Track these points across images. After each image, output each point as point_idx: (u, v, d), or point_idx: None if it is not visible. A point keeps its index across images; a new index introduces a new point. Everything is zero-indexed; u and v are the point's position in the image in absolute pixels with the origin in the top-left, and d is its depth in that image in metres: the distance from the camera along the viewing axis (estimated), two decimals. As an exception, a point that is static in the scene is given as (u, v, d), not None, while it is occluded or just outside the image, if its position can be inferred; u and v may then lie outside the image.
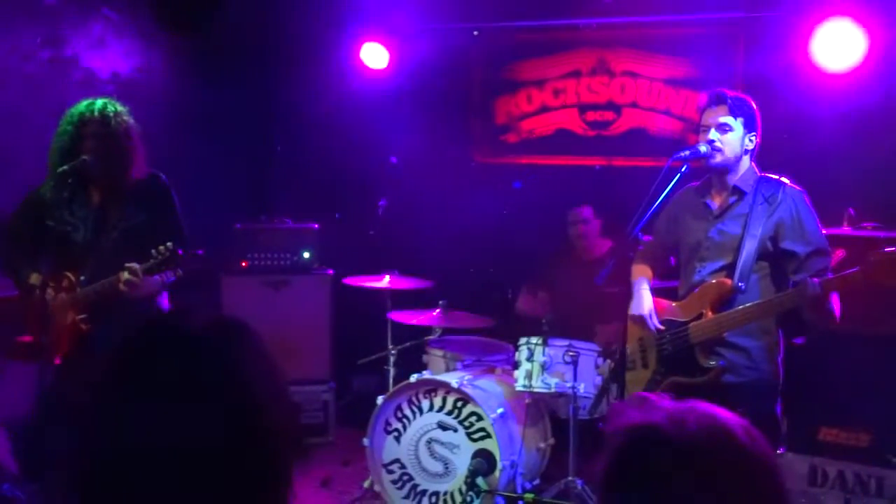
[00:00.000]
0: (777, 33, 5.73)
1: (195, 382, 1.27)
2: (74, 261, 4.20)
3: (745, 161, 3.94)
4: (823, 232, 3.87)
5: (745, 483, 1.29)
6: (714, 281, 3.90)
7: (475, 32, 6.85)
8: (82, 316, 4.13)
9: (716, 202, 4.01)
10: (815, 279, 3.59)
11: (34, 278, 4.13)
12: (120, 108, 4.25)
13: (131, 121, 4.27)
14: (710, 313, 3.85)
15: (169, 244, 3.98)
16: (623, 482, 1.34)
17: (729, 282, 3.83)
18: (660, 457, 1.30)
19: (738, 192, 3.94)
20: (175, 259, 4.02)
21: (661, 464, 1.30)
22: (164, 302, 4.36)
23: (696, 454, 1.29)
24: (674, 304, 4.08)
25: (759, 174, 3.95)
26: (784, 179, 3.92)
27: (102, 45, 5.93)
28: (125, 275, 3.97)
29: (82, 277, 4.16)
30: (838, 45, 5.35)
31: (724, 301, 3.84)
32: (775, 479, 1.31)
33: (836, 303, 3.67)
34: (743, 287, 3.81)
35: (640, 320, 4.07)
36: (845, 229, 4.75)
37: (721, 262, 3.92)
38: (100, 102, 4.22)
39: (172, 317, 1.45)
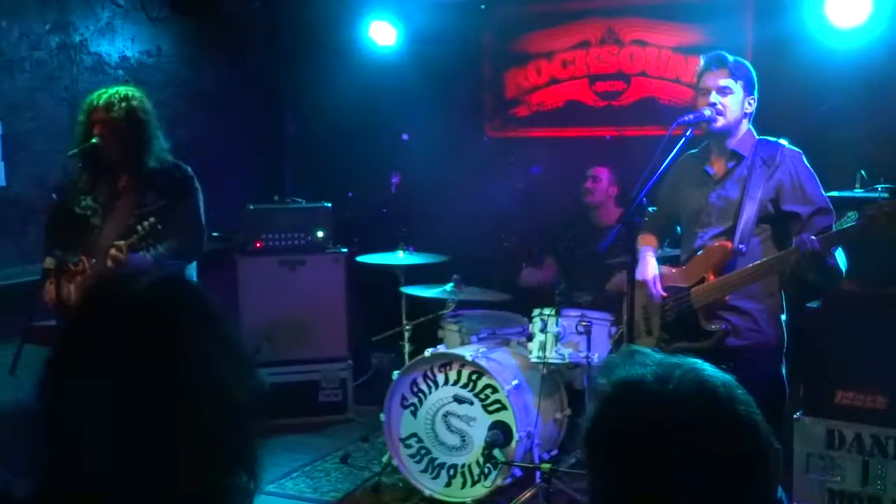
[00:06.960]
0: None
1: (132, 337, 1.28)
2: (93, 246, 4.25)
3: (744, 124, 3.91)
4: (823, 192, 3.85)
5: (722, 439, 1.30)
6: (715, 245, 3.89)
7: (482, 6, 6.81)
8: None
9: (715, 168, 3.99)
10: (814, 236, 3.57)
11: (48, 262, 4.18)
12: (131, 93, 4.29)
13: (143, 105, 4.30)
14: (711, 277, 3.84)
15: (152, 219, 4.02)
16: (604, 435, 1.36)
17: (730, 244, 3.81)
18: (640, 412, 1.32)
19: (736, 156, 3.92)
20: (157, 233, 4.04)
21: (641, 418, 1.31)
22: None
23: (676, 410, 1.31)
24: (675, 270, 4.07)
25: (756, 137, 3.93)
26: (782, 141, 3.90)
27: (111, 30, 5.95)
28: (112, 251, 4.02)
29: (93, 261, 4.21)
30: (850, 4, 5.29)
31: (726, 264, 3.83)
32: (754, 437, 1.32)
33: (839, 259, 3.66)
34: (744, 249, 3.79)
35: (644, 286, 4.07)
36: (857, 191, 4.71)
37: (721, 227, 3.91)
38: (111, 90, 4.28)
39: (118, 278, 1.47)
